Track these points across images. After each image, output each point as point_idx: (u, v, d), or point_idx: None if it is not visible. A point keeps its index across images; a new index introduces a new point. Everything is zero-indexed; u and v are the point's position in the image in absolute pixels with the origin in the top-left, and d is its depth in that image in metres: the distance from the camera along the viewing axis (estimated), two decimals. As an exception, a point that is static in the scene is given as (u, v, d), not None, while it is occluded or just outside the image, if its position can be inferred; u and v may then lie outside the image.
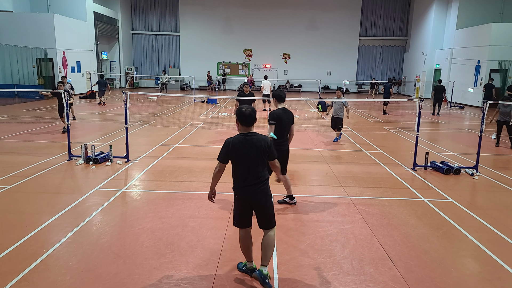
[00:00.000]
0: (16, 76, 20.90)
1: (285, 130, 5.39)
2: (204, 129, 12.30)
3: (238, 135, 3.53)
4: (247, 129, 3.54)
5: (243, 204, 3.58)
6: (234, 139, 3.50)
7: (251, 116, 3.51)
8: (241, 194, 3.56)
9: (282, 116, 5.29)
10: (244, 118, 3.50)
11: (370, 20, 31.39)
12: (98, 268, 3.81)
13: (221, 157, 3.55)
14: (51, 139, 10.07)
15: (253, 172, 3.49)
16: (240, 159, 3.49)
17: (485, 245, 4.52)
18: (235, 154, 3.49)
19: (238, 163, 3.52)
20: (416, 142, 7.80)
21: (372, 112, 18.44)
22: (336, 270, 3.89)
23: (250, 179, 3.49)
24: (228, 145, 3.49)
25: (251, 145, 3.47)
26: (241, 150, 3.45)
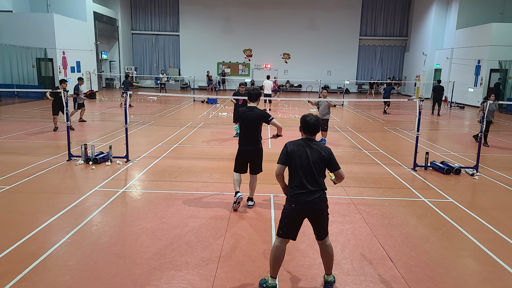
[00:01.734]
0: (16, 76, 20.88)
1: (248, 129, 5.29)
2: (204, 129, 12.29)
3: (300, 139, 3.49)
4: (310, 137, 3.50)
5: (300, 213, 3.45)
6: (295, 143, 3.45)
7: (315, 126, 3.45)
8: (300, 203, 3.40)
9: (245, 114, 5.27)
10: (307, 126, 3.45)
11: (370, 20, 31.39)
12: (98, 268, 3.81)
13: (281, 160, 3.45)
14: (51, 139, 10.07)
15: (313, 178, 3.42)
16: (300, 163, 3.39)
17: (485, 245, 4.52)
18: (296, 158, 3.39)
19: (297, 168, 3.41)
20: (416, 142, 7.80)
21: (372, 112, 18.43)
22: (336, 270, 3.89)
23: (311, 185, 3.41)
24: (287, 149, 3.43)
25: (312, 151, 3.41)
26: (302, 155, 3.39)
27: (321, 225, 3.49)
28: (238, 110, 5.43)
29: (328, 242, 3.56)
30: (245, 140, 5.35)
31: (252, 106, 5.38)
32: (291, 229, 3.44)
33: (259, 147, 5.40)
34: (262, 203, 5.73)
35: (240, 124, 5.36)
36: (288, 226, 3.42)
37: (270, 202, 5.80)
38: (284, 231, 3.44)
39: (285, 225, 3.43)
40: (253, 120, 5.26)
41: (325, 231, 3.52)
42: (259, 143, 5.39)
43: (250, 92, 5.45)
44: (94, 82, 25.79)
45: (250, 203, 5.58)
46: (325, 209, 3.48)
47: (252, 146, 5.34)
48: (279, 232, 3.46)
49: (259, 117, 5.27)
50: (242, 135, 5.39)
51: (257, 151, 5.40)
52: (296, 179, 3.38)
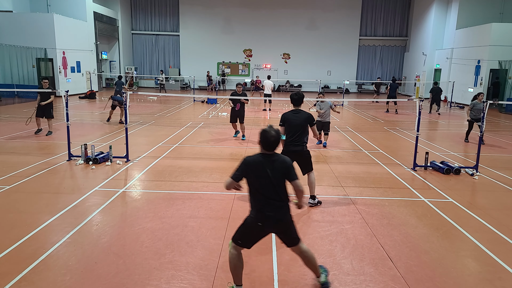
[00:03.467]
0: (16, 76, 20.89)
1: (295, 131, 5.46)
2: (204, 129, 12.30)
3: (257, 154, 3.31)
4: (269, 152, 3.30)
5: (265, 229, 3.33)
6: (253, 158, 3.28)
7: (276, 143, 3.27)
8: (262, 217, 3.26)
9: (290, 117, 5.50)
10: (268, 143, 3.25)
11: (370, 20, 31.39)
12: (98, 268, 3.81)
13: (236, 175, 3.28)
14: (51, 139, 10.07)
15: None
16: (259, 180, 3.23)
17: (485, 245, 4.52)
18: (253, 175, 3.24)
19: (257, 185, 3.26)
20: (416, 142, 7.80)
21: (372, 112, 18.43)
22: (336, 270, 3.89)
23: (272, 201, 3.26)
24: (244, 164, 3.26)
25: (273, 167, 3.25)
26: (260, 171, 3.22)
27: (289, 236, 3.37)
28: (284, 113, 5.55)
29: (304, 247, 3.44)
30: (291, 142, 5.45)
31: (299, 109, 5.56)
32: (251, 242, 3.35)
33: (305, 149, 5.52)
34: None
35: (286, 127, 5.47)
36: (250, 238, 3.33)
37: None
38: (243, 242, 3.32)
39: (246, 236, 3.32)
40: (300, 123, 5.44)
41: (295, 239, 3.39)
42: (304, 145, 5.51)
43: (292, 97, 5.60)
44: (94, 82, 25.78)
45: (311, 201, 5.62)
46: (290, 220, 3.33)
47: (298, 148, 5.45)
48: (238, 241, 3.32)
49: (305, 119, 5.47)
50: (288, 137, 5.47)
51: (302, 152, 5.51)
52: (257, 199, 3.25)
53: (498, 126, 14.66)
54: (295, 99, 5.57)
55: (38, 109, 10.56)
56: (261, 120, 14.99)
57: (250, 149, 9.47)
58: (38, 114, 10.64)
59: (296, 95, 5.57)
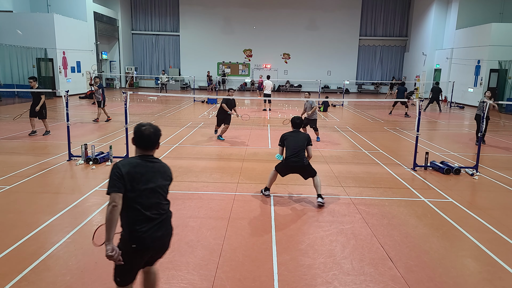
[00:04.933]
0: (16, 76, 20.89)
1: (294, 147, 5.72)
2: (204, 129, 12.30)
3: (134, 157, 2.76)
4: (145, 152, 2.75)
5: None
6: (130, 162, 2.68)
7: (150, 138, 2.71)
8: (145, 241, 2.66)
9: (289, 136, 5.80)
10: (142, 140, 2.70)
11: (370, 20, 31.39)
12: (98, 268, 3.81)
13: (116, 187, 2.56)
14: (51, 139, 10.07)
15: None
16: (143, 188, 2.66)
17: (485, 245, 4.52)
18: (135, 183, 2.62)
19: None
20: (416, 142, 7.80)
21: (372, 112, 18.43)
22: (336, 270, 3.89)
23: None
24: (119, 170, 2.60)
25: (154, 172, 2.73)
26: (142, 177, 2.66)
27: (158, 257, 2.92)
28: (284, 134, 5.86)
29: (154, 270, 3.05)
30: (291, 156, 5.66)
31: (297, 130, 5.92)
32: (134, 274, 2.77)
33: (306, 163, 5.70)
34: (262, 203, 5.73)
35: (286, 145, 5.75)
36: (131, 272, 2.74)
37: (270, 202, 5.79)
38: (125, 279, 2.75)
39: (126, 272, 2.73)
40: (300, 141, 5.71)
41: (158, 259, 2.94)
42: (305, 159, 5.70)
43: (295, 121, 5.92)
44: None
45: (320, 200, 5.70)
46: (170, 239, 2.83)
47: (298, 160, 5.64)
48: (119, 281, 2.75)
49: (305, 139, 5.76)
50: (288, 153, 5.70)
51: (303, 165, 5.69)
52: (136, 211, 2.61)
53: (498, 126, 14.67)
54: (297, 123, 5.91)
55: (31, 109, 10.52)
56: (261, 120, 14.99)
57: (250, 149, 9.47)
58: (31, 114, 10.56)
59: (298, 119, 5.92)
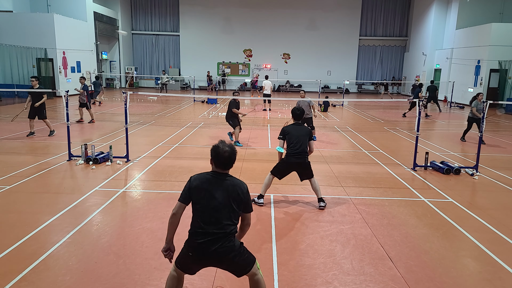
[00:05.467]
0: (16, 76, 20.89)
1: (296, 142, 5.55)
2: (204, 129, 12.30)
3: (206, 173, 2.94)
4: (220, 170, 2.90)
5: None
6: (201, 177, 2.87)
7: (231, 159, 2.86)
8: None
9: (291, 129, 5.62)
10: (219, 160, 2.86)
11: (370, 20, 31.39)
12: (98, 268, 3.81)
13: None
14: (51, 139, 10.07)
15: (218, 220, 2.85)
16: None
17: (485, 245, 4.52)
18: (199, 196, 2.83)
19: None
20: (416, 142, 7.80)
21: (372, 112, 18.43)
22: (336, 270, 3.89)
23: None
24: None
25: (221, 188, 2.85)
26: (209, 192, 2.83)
27: (236, 266, 2.95)
28: (285, 127, 5.71)
29: (258, 277, 3.02)
30: (293, 153, 5.50)
31: (299, 123, 5.75)
32: (191, 271, 2.98)
33: (307, 160, 5.58)
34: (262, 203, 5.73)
35: (288, 139, 5.57)
36: (187, 267, 2.95)
37: (270, 202, 5.79)
38: (182, 268, 2.95)
39: (184, 266, 2.95)
40: (302, 135, 5.54)
41: (246, 267, 2.97)
42: (306, 156, 5.57)
43: (295, 112, 5.74)
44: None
45: (322, 204, 5.62)
46: (232, 256, 2.86)
47: (300, 160, 5.51)
48: (178, 265, 2.96)
49: (307, 132, 5.62)
50: (290, 148, 5.54)
51: (304, 164, 5.57)
52: (197, 224, 2.84)
53: (498, 126, 14.67)
54: (298, 114, 5.74)
55: (31, 110, 10.31)
56: (261, 120, 14.99)
57: (250, 149, 9.47)
58: (30, 115, 10.33)
59: (298, 110, 5.74)
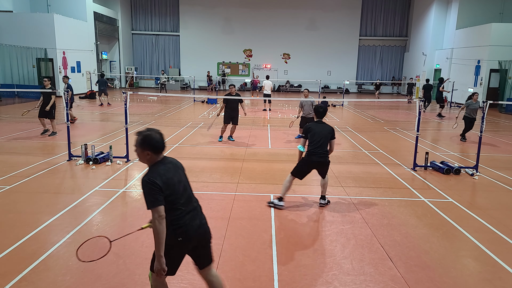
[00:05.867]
0: (16, 76, 20.90)
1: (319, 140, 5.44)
2: (204, 129, 12.29)
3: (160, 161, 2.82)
4: (160, 155, 2.81)
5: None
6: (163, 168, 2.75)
7: (162, 140, 2.80)
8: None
9: (314, 127, 5.51)
10: (162, 143, 2.79)
11: (370, 20, 31.39)
12: (98, 268, 3.81)
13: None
14: (51, 139, 10.07)
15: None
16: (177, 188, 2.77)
17: (485, 245, 4.52)
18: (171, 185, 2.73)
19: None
20: (416, 142, 7.80)
21: (372, 112, 18.43)
22: (336, 270, 3.89)
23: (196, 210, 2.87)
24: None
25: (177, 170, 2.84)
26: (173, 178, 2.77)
27: (207, 251, 2.96)
28: (307, 124, 5.61)
29: (214, 271, 3.04)
30: (315, 153, 5.42)
31: (321, 121, 5.61)
32: (176, 266, 2.85)
33: (328, 160, 5.53)
34: (262, 203, 5.73)
35: (310, 137, 5.47)
36: (174, 266, 2.83)
37: (270, 202, 5.79)
38: (169, 272, 2.78)
39: (171, 266, 2.78)
40: (324, 133, 5.43)
41: (211, 256, 2.98)
42: (327, 155, 5.51)
43: (318, 110, 5.63)
44: (94, 82, 25.75)
45: (322, 201, 5.69)
46: (209, 233, 2.92)
47: (322, 159, 5.44)
48: (169, 271, 2.78)
49: (330, 131, 5.48)
50: (311, 147, 5.44)
51: (326, 163, 5.53)
52: (177, 211, 2.73)
53: (498, 126, 14.67)
54: (321, 112, 5.63)
55: (40, 110, 10.53)
56: (261, 120, 14.99)
57: (250, 149, 9.47)
58: (40, 114, 10.60)
59: (321, 107, 5.64)
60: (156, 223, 2.55)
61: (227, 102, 9.99)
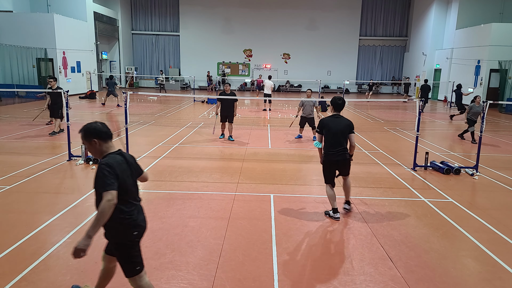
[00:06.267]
0: (16, 76, 20.90)
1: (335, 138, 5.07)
2: (204, 129, 12.29)
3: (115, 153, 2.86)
4: (110, 143, 2.87)
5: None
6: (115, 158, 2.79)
7: (106, 127, 2.92)
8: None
9: (330, 122, 5.09)
10: (103, 132, 2.85)
11: (370, 20, 31.39)
12: (98, 268, 3.79)
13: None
14: (51, 139, 10.07)
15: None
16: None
17: (485, 245, 4.52)
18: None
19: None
20: (416, 142, 7.80)
21: (372, 112, 18.43)
22: (336, 270, 3.89)
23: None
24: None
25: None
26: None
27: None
28: (323, 119, 5.19)
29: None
30: (333, 151, 5.06)
31: (339, 114, 5.21)
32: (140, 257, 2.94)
33: (348, 157, 5.17)
34: (262, 203, 5.73)
35: (326, 133, 5.10)
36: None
37: (270, 202, 5.79)
38: (142, 266, 2.95)
39: (140, 260, 2.94)
40: (342, 128, 5.08)
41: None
42: (347, 152, 5.14)
43: (336, 102, 5.17)
44: (94, 82, 25.78)
45: (347, 206, 5.38)
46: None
47: (341, 157, 5.09)
48: (138, 269, 2.92)
49: (347, 125, 5.13)
50: (329, 145, 5.09)
51: (346, 161, 5.18)
52: (129, 204, 2.80)
53: (498, 126, 14.67)
54: (339, 104, 5.17)
55: (50, 110, 10.80)
56: (261, 120, 14.99)
57: (250, 149, 9.47)
58: (51, 114, 10.85)
59: (340, 99, 5.18)
60: (106, 205, 2.53)
61: (222, 101, 10.21)
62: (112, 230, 2.77)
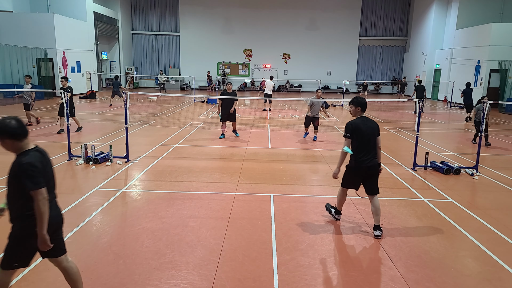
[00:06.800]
0: (16, 76, 20.88)
1: (367, 143, 4.65)
2: (204, 129, 12.30)
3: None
4: (27, 140, 2.89)
5: None
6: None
7: (23, 123, 2.88)
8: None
9: (361, 126, 4.63)
10: (22, 129, 2.87)
11: (370, 20, 31.40)
12: (98, 268, 3.81)
13: None
14: (52, 139, 10.07)
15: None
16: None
17: (485, 245, 4.52)
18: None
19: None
20: (416, 142, 7.80)
21: (372, 112, 18.43)
22: (336, 270, 3.90)
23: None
24: None
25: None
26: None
27: (60, 240, 3.20)
28: (352, 122, 4.68)
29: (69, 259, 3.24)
30: (366, 158, 4.61)
31: (366, 117, 4.73)
32: (32, 256, 3.06)
33: (377, 162, 4.74)
34: (262, 203, 5.73)
35: (357, 139, 4.62)
36: (31, 254, 3.07)
37: (270, 202, 5.79)
38: (25, 263, 3.05)
39: (29, 255, 3.05)
40: (372, 133, 4.65)
41: (64, 246, 3.22)
42: (375, 157, 4.70)
43: (361, 101, 4.69)
44: (94, 82, 25.78)
45: (378, 233, 4.65)
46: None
47: (373, 162, 4.65)
48: (17, 265, 2.99)
49: (377, 128, 4.71)
50: (360, 152, 4.62)
51: (377, 167, 4.72)
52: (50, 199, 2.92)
53: (498, 126, 14.66)
54: (364, 103, 4.69)
55: (59, 108, 10.98)
56: (261, 120, 14.99)
57: (250, 149, 9.47)
58: (59, 113, 11.05)
59: (363, 99, 4.72)
60: (41, 204, 2.69)
61: (222, 100, 10.33)
62: (18, 222, 2.83)
